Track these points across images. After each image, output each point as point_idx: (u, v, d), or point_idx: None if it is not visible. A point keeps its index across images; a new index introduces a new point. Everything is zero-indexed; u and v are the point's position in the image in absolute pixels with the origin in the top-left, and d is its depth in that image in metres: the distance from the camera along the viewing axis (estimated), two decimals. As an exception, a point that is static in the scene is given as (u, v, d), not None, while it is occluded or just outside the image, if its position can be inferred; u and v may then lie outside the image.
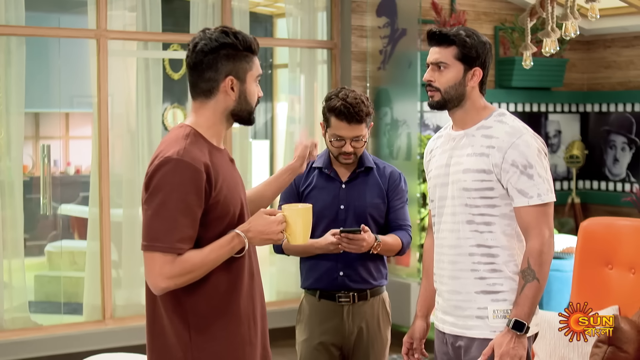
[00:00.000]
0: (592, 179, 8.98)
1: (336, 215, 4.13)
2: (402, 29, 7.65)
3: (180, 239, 2.80)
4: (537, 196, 3.27)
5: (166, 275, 2.81)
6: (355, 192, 4.16)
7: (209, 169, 2.87)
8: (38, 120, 9.71)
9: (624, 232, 4.89)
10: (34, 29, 7.01)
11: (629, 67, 8.68)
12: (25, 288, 7.07)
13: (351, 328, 4.14)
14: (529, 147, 3.29)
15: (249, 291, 3.01)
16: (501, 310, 3.34)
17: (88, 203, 7.29)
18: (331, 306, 4.13)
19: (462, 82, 3.39)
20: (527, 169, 3.27)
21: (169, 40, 7.74)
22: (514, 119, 3.44)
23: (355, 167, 4.18)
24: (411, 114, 7.63)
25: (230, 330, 2.96)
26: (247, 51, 2.97)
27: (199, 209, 2.85)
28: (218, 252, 2.87)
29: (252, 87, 3.00)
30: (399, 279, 7.66)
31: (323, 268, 4.13)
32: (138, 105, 7.35)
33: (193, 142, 2.90)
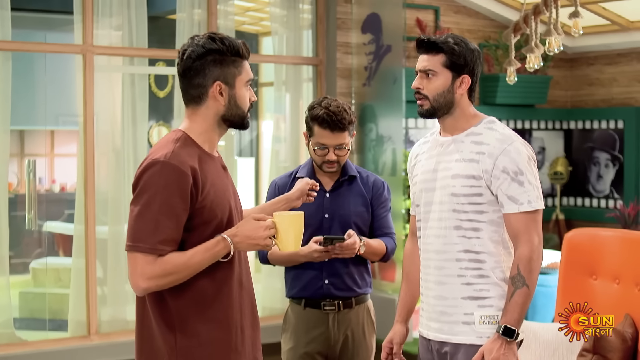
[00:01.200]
0: (576, 196, 9.03)
1: (320, 224, 4.14)
2: (387, 46, 7.70)
3: (162, 240, 2.81)
4: (528, 203, 3.27)
5: (147, 276, 2.81)
6: (340, 201, 4.17)
7: (196, 173, 2.87)
8: (23, 137, 9.69)
9: (608, 243, 4.92)
10: (20, 44, 7.01)
11: (612, 84, 8.75)
12: (10, 305, 7.04)
13: (337, 336, 4.15)
14: (520, 154, 3.29)
15: (237, 299, 3.01)
16: (488, 316, 3.35)
17: (73, 220, 7.27)
18: (317, 314, 4.14)
19: (451, 89, 3.41)
20: (518, 176, 3.28)
21: (155, 55, 7.76)
22: (504, 126, 3.45)
23: (339, 176, 4.20)
24: (396, 130, 7.66)
25: (215, 336, 2.96)
26: (235, 56, 2.97)
27: (184, 212, 2.85)
28: (202, 255, 2.86)
29: (241, 91, 2.99)
30: (384, 294, 7.66)
31: (308, 277, 4.14)
32: (124, 122, 7.34)
33: (182, 147, 2.92)
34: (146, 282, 2.82)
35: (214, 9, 7.54)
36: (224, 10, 7.68)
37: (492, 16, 8.65)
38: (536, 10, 6.13)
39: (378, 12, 7.82)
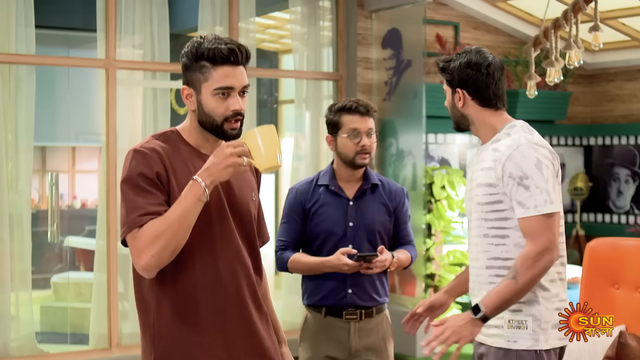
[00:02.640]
0: (596, 212, 9.02)
1: (345, 233, 4.12)
2: (407, 61, 7.74)
3: (141, 214, 2.77)
4: (534, 207, 3.27)
5: (137, 252, 2.77)
6: (363, 210, 4.16)
7: (163, 158, 2.85)
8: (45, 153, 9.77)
9: (630, 252, 4.91)
10: (43, 57, 7.09)
11: (632, 100, 8.75)
12: (32, 319, 7.08)
13: (357, 345, 4.13)
14: (525, 158, 3.30)
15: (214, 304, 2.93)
16: (516, 321, 3.38)
17: (94, 236, 7.32)
18: (337, 323, 4.12)
19: (454, 104, 3.52)
20: (523, 180, 3.29)
21: (177, 70, 7.79)
22: (522, 130, 3.45)
23: (362, 183, 4.20)
24: (416, 145, 7.68)
25: (189, 340, 2.91)
26: (202, 61, 2.87)
27: (158, 190, 2.82)
28: (179, 205, 2.76)
29: (207, 99, 2.88)
30: (404, 309, 7.66)
31: (330, 285, 4.12)
32: (145, 136, 7.40)
33: (162, 140, 2.92)
34: (141, 259, 2.76)
35: (235, 26, 7.60)
36: (244, 27, 7.74)
37: (512, 32, 8.68)
38: (556, 25, 6.15)
39: (398, 27, 7.87)
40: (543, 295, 3.38)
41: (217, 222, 2.93)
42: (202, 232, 2.88)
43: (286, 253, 4.15)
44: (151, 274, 2.81)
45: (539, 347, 3.36)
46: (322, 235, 4.10)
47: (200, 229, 2.87)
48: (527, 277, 3.25)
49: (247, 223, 3.04)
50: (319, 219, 4.10)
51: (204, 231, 2.89)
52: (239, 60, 2.89)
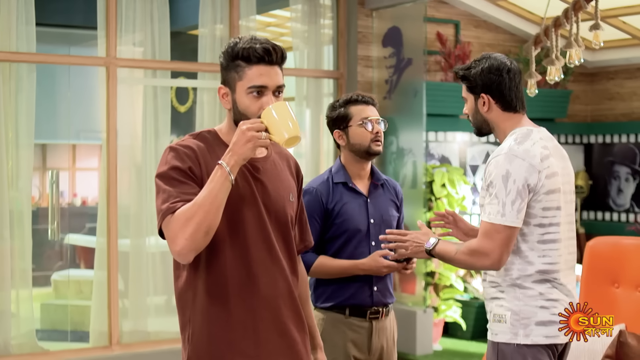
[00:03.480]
0: (596, 210, 9.03)
1: (368, 230, 4.10)
2: (408, 59, 7.74)
3: (173, 201, 2.82)
4: (487, 214, 3.44)
5: (172, 237, 2.80)
6: (379, 206, 4.13)
7: (197, 155, 2.91)
8: (45, 151, 9.78)
9: (629, 251, 4.92)
10: (44, 56, 7.09)
11: (632, 99, 8.76)
12: (33, 317, 7.09)
13: (377, 345, 4.09)
14: (497, 168, 3.44)
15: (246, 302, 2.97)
16: (497, 314, 3.54)
17: (94, 233, 7.33)
18: (360, 322, 4.08)
19: (477, 110, 3.62)
20: (489, 188, 3.46)
21: (178, 68, 7.83)
22: (514, 139, 3.51)
23: (371, 179, 4.19)
24: (417, 143, 7.69)
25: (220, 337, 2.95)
26: (239, 60, 2.92)
27: (189, 180, 2.88)
28: (207, 187, 2.80)
29: (241, 97, 2.93)
30: (405, 307, 7.67)
31: (357, 285, 4.03)
32: (145, 136, 7.40)
33: (199, 139, 2.98)
34: (175, 244, 2.79)
35: (235, 24, 7.61)
36: (245, 25, 7.74)
37: (512, 30, 8.69)
38: (557, 23, 6.15)
39: (399, 25, 7.88)
40: (523, 292, 3.49)
41: (251, 221, 2.97)
42: (235, 230, 2.94)
43: (308, 256, 4.02)
44: (187, 259, 2.84)
45: (517, 341, 3.47)
46: (347, 234, 4.05)
47: (234, 227, 2.93)
48: (462, 260, 3.53)
49: (283, 224, 3.07)
50: (342, 218, 4.05)
51: (237, 230, 2.95)
52: (274, 60, 2.93)
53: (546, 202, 3.48)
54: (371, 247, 4.05)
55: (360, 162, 4.11)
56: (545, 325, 3.46)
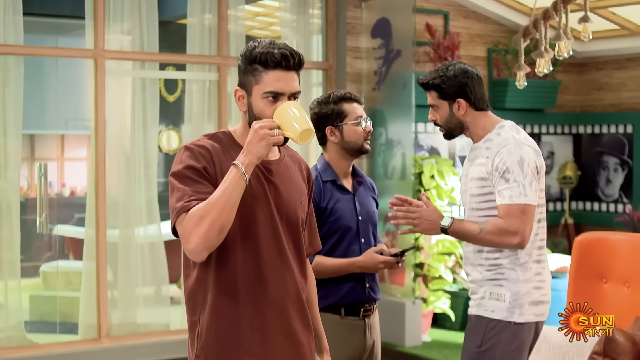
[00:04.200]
0: (585, 200, 9.04)
1: (357, 228, 4.11)
2: (397, 50, 7.73)
3: (187, 200, 2.86)
4: (509, 197, 3.72)
5: (186, 235, 2.84)
6: (364, 203, 4.15)
7: (211, 154, 2.95)
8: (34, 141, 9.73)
9: (618, 247, 4.94)
10: (32, 48, 7.06)
11: (621, 89, 8.76)
12: (21, 308, 7.08)
13: (370, 341, 4.11)
14: (510, 155, 3.74)
15: (254, 302, 3.00)
16: (496, 293, 3.82)
17: (83, 224, 7.31)
18: (354, 321, 4.08)
19: (452, 114, 3.92)
20: (505, 174, 3.74)
21: (166, 60, 7.80)
22: (510, 129, 3.87)
23: (354, 176, 4.19)
24: (406, 134, 7.69)
25: (227, 335, 2.98)
26: (257, 64, 2.94)
27: (203, 179, 2.91)
28: (222, 187, 2.83)
29: (257, 101, 2.96)
30: (394, 298, 7.68)
31: (351, 283, 4.04)
32: (134, 127, 7.39)
33: (213, 140, 3.01)
34: (189, 242, 2.83)
35: (224, 14, 7.58)
36: (234, 15, 7.72)
37: (502, 21, 8.67)
38: (546, 15, 6.14)
39: (388, 17, 7.86)
40: (524, 274, 3.81)
41: (262, 222, 3.00)
42: (247, 230, 2.97)
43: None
44: (201, 257, 2.87)
45: (513, 319, 3.78)
46: (340, 232, 4.05)
47: (246, 228, 2.96)
48: (486, 239, 3.76)
49: (294, 226, 3.10)
50: (335, 216, 4.05)
51: (249, 230, 2.97)
52: (291, 65, 2.95)
53: (541, 183, 3.88)
54: (361, 245, 4.06)
55: (349, 159, 4.13)
56: (537, 305, 3.82)
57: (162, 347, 7.18)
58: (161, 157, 9.58)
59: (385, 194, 7.94)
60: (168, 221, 3.38)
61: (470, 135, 3.96)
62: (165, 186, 9.59)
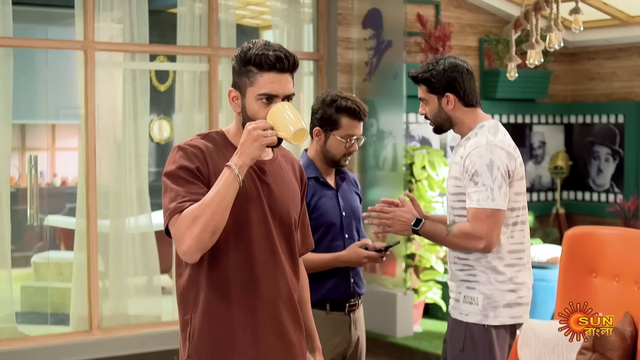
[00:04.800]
0: (576, 190, 9.05)
1: (341, 223, 4.11)
2: (388, 41, 7.71)
3: (181, 201, 2.87)
4: (477, 201, 3.76)
5: (179, 236, 2.85)
6: (347, 199, 4.16)
7: (204, 155, 2.95)
8: (24, 131, 9.71)
9: (608, 241, 4.93)
10: (21, 40, 7.03)
11: (612, 79, 8.76)
12: (12, 299, 7.07)
13: (355, 337, 4.12)
14: (480, 158, 3.76)
15: (246, 302, 3.00)
16: (469, 297, 3.87)
17: (74, 214, 7.30)
18: (340, 317, 4.07)
19: (441, 109, 3.92)
20: (473, 177, 3.77)
21: (156, 51, 7.78)
22: (487, 130, 3.89)
23: (336, 173, 4.19)
24: (397, 125, 7.68)
25: (219, 335, 2.98)
26: (251, 66, 2.94)
27: (196, 179, 2.92)
28: (215, 188, 2.84)
29: (251, 103, 2.96)
30: (385, 289, 7.69)
31: (336, 278, 4.06)
32: (125, 116, 7.37)
33: (206, 139, 3.02)
34: (182, 243, 2.84)
35: (214, 3, 7.55)
36: (224, 4, 7.69)
37: (493, 11, 8.66)
38: (537, 6, 6.12)
39: (379, 7, 7.84)
40: (495, 277, 3.84)
41: (255, 222, 3.01)
42: (240, 230, 2.97)
43: None
44: (193, 258, 2.89)
45: (487, 322, 3.84)
46: (323, 228, 4.06)
47: (239, 228, 2.97)
48: (453, 242, 3.82)
49: (287, 226, 3.11)
50: (318, 212, 4.05)
51: (242, 230, 2.98)
52: (285, 67, 2.95)
53: (517, 187, 3.87)
54: (345, 240, 4.08)
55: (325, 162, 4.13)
56: (511, 307, 3.89)
57: (153, 338, 7.18)
58: (152, 147, 9.57)
59: (376, 185, 7.95)
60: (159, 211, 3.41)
61: (457, 131, 3.98)
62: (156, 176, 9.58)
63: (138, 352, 7.09)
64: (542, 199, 9.03)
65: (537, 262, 7.65)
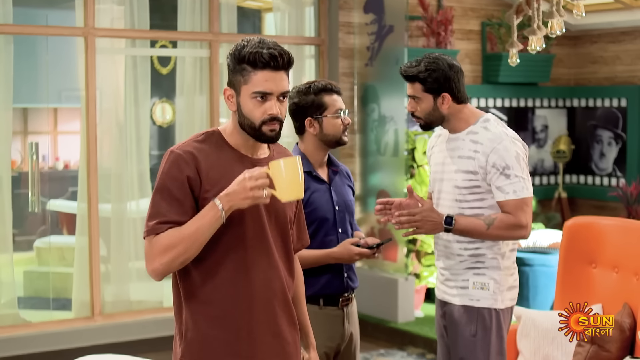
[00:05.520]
0: (578, 174, 9.04)
1: (334, 217, 4.10)
2: (389, 26, 7.68)
3: (160, 221, 2.88)
4: (513, 192, 3.82)
5: (150, 257, 2.89)
6: (341, 193, 4.14)
7: (198, 162, 2.92)
8: (26, 115, 9.70)
9: (607, 231, 4.93)
10: (21, 27, 7.01)
11: (615, 63, 8.73)
12: (14, 284, 7.09)
13: (348, 331, 4.12)
14: (508, 152, 3.83)
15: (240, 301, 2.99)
16: (479, 283, 3.93)
17: (77, 198, 7.31)
18: (333, 312, 4.08)
19: (436, 107, 3.92)
20: (505, 170, 3.81)
21: (157, 37, 7.76)
22: (497, 124, 3.95)
23: (329, 166, 4.18)
24: (398, 110, 7.66)
25: (213, 335, 2.97)
26: (245, 64, 2.92)
27: (186, 198, 2.90)
28: (196, 223, 2.85)
29: (245, 101, 2.94)
30: (386, 275, 7.70)
31: (330, 273, 4.04)
32: (126, 100, 7.37)
33: (202, 141, 2.99)
34: (151, 264, 2.89)
35: (216, -12, 7.53)
36: (225, -15, 7.68)
37: (495, -6, 8.62)
38: (538, -8, 6.09)
39: (380, -9, 7.80)
40: (504, 262, 3.94)
41: (250, 220, 2.99)
42: (234, 229, 2.96)
43: None
44: (158, 279, 2.95)
45: (496, 306, 3.92)
46: (316, 223, 4.04)
47: (233, 226, 2.95)
48: (495, 234, 3.84)
49: (282, 224, 3.10)
50: (311, 207, 4.03)
51: (235, 228, 2.96)
52: (280, 65, 2.93)
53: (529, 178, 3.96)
54: (339, 235, 4.06)
55: (325, 150, 4.10)
56: (511, 290, 3.98)
57: (155, 324, 7.20)
58: (154, 130, 9.56)
59: (378, 170, 7.94)
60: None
61: (449, 126, 3.99)
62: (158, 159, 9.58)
63: (140, 338, 7.11)
64: (544, 183, 9.02)
65: (539, 248, 7.66)
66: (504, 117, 8.73)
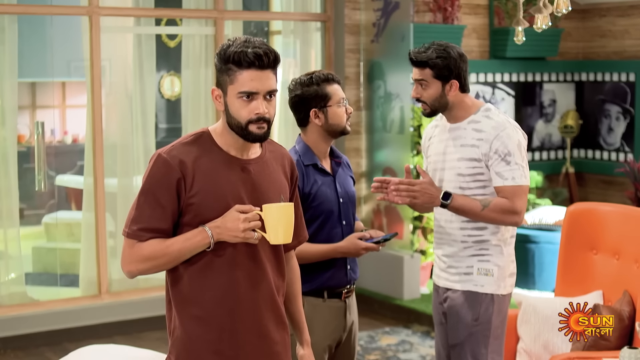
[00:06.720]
0: (586, 148, 9.01)
1: (339, 210, 4.11)
2: (396, 2, 7.64)
3: (143, 227, 2.91)
4: (512, 179, 3.88)
5: (127, 260, 2.95)
6: (344, 184, 4.13)
7: (185, 168, 2.92)
8: (34, 89, 9.71)
9: (609, 218, 4.93)
10: (25, 7, 7.02)
11: (624, 37, 8.66)
12: (21, 259, 7.14)
13: (349, 322, 4.13)
14: (510, 139, 3.90)
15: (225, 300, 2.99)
16: (484, 269, 3.99)
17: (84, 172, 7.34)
18: (336, 304, 4.09)
19: (443, 94, 3.97)
20: (506, 157, 3.89)
21: (162, 15, 7.74)
22: (498, 113, 4.03)
23: (332, 157, 4.18)
24: (404, 87, 7.64)
25: (197, 335, 2.99)
26: (231, 64, 2.92)
27: (170, 204, 2.92)
28: (181, 244, 2.90)
29: (232, 100, 2.94)
30: (392, 252, 7.72)
31: (334, 266, 4.05)
32: (134, 74, 7.38)
33: (191, 143, 2.99)
34: (127, 266, 2.96)
35: (220, -37, 7.50)
36: (230, -37, 7.65)
37: (503, -32, 8.54)
38: (545, -31, 6.03)
39: (386, -34, 7.75)
40: (506, 249, 4.01)
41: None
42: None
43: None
44: (131, 278, 3.04)
45: (499, 292, 3.99)
46: (322, 216, 4.04)
47: None
48: (490, 217, 3.89)
49: None
50: (318, 201, 4.03)
51: None
52: (265, 64, 2.93)
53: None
54: (343, 227, 4.06)
55: (329, 140, 4.09)
56: (511, 277, 4.06)
57: (162, 302, 7.22)
58: (162, 104, 9.57)
59: (383, 147, 7.94)
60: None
61: (450, 115, 4.02)
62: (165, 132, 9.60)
63: (147, 316, 7.16)
64: (552, 158, 8.99)
65: (545, 225, 7.66)
66: (511, 92, 8.69)
